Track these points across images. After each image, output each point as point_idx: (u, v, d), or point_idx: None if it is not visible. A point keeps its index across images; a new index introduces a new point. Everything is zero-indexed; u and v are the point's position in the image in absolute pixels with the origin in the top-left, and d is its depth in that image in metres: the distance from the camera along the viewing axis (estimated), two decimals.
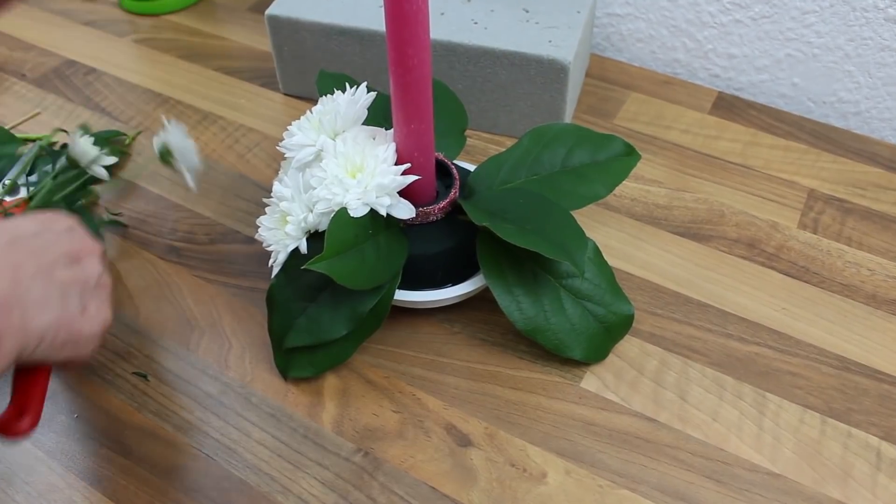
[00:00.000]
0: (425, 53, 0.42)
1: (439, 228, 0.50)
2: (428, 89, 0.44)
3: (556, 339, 0.48)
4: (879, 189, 0.62)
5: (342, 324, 0.47)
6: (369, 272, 0.45)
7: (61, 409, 0.48)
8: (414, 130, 0.46)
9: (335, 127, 0.48)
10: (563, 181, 0.52)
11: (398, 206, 0.47)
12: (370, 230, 0.46)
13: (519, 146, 0.53)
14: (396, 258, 0.47)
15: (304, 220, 0.46)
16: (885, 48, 0.65)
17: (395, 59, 0.42)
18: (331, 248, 0.44)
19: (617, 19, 0.75)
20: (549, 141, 0.53)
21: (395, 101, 0.44)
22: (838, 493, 0.44)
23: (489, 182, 0.52)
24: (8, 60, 0.77)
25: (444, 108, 0.56)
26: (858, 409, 0.48)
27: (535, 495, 0.44)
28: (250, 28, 0.80)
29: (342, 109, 0.48)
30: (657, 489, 0.44)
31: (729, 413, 0.48)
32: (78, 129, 0.59)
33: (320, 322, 0.47)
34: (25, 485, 0.45)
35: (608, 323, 0.49)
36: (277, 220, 0.48)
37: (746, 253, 0.57)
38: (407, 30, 0.41)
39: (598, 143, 0.53)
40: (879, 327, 0.52)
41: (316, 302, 0.48)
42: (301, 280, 0.47)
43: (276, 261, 0.48)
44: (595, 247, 0.50)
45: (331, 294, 0.47)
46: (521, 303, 0.48)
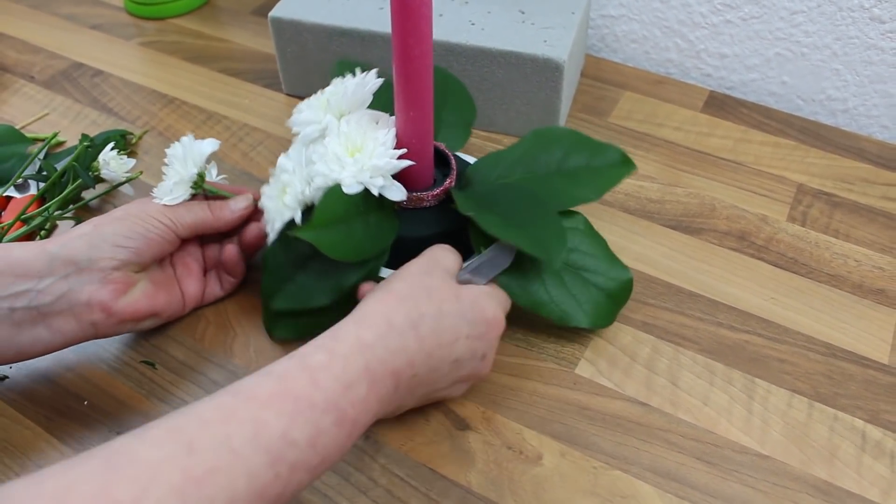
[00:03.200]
0: (427, 45, 0.44)
1: (432, 214, 0.52)
2: (428, 79, 0.46)
3: (560, 311, 0.50)
4: (866, 184, 0.63)
5: (326, 294, 0.49)
6: (355, 246, 0.47)
7: (71, 395, 0.50)
8: (413, 118, 0.47)
9: (341, 108, 0.50)
10: (557, 182, 0.53)
11: (391, 188, 0.49)
12: (362, 208, 0.48)
13: (519, 145, 0.55)
14: (385, 237, 0.49)
15: (302, 192, 0.48)
16: (871, 47, 0.66)
17: (398, 49, 0.44)
18: (318, 218, 0.45)
19: (611, 20, 0.77)
20: (548, 143, 0.55)
21: (397, 88, 0.46)
22: (824, 474, 0.46)
23: (486, 176, 0.54)
24: (17, 63, 0.78)
25: (454, 100, 0.58)
26: (844, 394, 0.49)
27: (531, 476, 0.45)
28: (253, 31, 0.82)
29: (350, 92, 0.50)
30: (649, 470, 0.46)
31: (719, 398, 0.49)
32: (81, 139, 0.60)
33: (306, 289, 0.49)
34: (38, 468, 0.46)
35: (608, 289, 0.51)
36: (278, 190, 0.49)
37: (737, 245, 0.59)
38: (410, 21, 0.42)
39: (595, 150, 0.55)
40: (865, 315, 0.54)
41: (305, 270, 0.50)
42: (294, 249, 0.50)
43: (273, 229, 0.49)
44: (585, 220, 0.52)
45: (319, 265, 0.49)
46: (521, 280, 0.49)
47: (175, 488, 0.31)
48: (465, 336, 0.44)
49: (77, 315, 0.46)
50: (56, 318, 0.45)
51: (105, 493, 0.30)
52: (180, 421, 0.34)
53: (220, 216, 0.52)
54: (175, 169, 0.51)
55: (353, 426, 0.38)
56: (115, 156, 0.61)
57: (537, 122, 0.66)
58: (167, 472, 0.31)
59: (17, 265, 0.44)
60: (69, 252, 0.45)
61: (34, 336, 0.45)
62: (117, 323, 0.47)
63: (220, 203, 0.52)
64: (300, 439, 0.35)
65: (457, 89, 0.58)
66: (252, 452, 0.33)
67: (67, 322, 0.45)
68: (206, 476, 0.32)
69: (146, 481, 0.31)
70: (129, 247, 0.47)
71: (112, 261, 0.46)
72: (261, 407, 0.35)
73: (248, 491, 0.33)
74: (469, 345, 0.44)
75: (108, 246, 0.46)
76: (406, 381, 0.41)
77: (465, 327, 0.44)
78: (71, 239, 0.46)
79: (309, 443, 0.35)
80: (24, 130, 0.69)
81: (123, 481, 0.30)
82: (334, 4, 0.68)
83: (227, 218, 0.52)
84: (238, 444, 0.33)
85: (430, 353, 0.42)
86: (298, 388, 0.36)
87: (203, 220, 0.51)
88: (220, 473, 0.32)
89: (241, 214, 0.53)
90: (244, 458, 0.33)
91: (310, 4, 0.68)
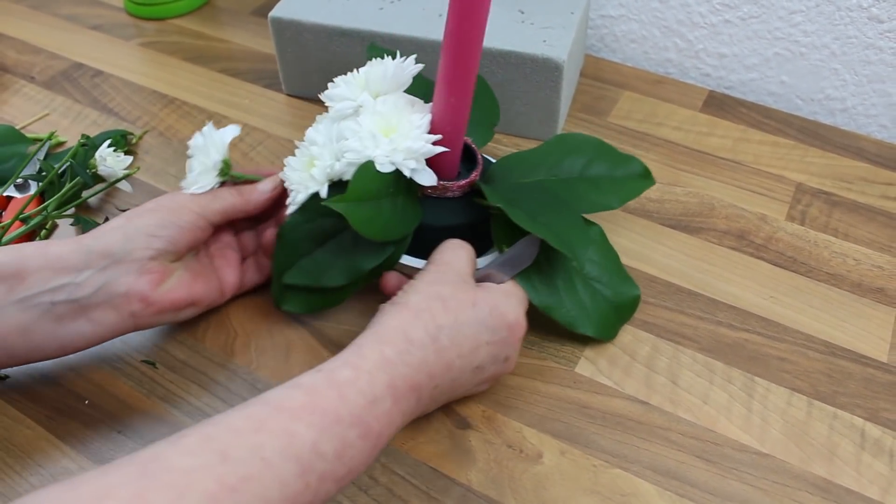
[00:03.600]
0: (481, 31, 0.44)
1: (454, 205, 0.52)
2: (475, 66, 0.46)
3: (569, 317, 0.50)
4: (865, 183, 0.64)
5: (342, 274, 0.49)
6: (383, 225, 0.47)
7: (72, 395, 0.50)
8: (453, 105, 0.47)
9: (379, 88, 0.50)
10: (579, 187, 0.54)
11: (422, 172, 0.49)
12: (392, 189, 0.48)
13: (543, 148, 0.56)
14: (410, 222, 0.49)
15: (331, 167, 0.48)
16: (870, 46, 0.67)
17: (452, 31, 0.44)
18: (353, 192, 0.46)
19: (610, 21, 0.77)
20: (571, 149, 0.55)
21: (443, 72, 0.46)
22: (824, 472, 0.46)
23: (509, 174, 0.54)
24: (17, 63, 0.78)
25: (480, 101, 0.58)
26: (844, 392, 0.50)
27: (532, 475, 0.46)
28: (253, 31, 0.82)
29: (390, 73, 0.50)
30: (649, 468, 0.46)
31: (719, 396, 0.49)
32: (80, 138, 0.60)
33: (322, 267, 0.49)
34: (39, 467, 0.46)
35: (616, 303, 0.52)
36: (305, 163, 0.50)
37: (736, 244, 0.59)
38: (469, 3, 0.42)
39: (618, 161, 0.55)
40: (864, 314, 0.54)
41: (323, 247, 0.50)
42: (315, 223, 0.50)
43: (295, 200, 0.50)
44: (601, 231, 0.53)
45: (338, 244, 0.50)
46: (535, 282, 0.49)
47: (210, 495, 0.31)
48: (486, 343, 0.44)
49: (116, 306, 0.46)
50: (96, 311, 0.46)
51: (141, 498, 0.30)
52: (212, 430, 0.34)
53: (250, 199, 0.52)
54: (199, 159, 0.51)
55: (377, 439, 0.38)
56: (111, 152, 0.61)
57: (537, 122, 0.66)
58: (202, 479, 0.31)
59: (55, 260, 0.45)
60: (105, 244, 0.46)
61: (75, 330, 0.46)
62: (156, 313, 0.48)
63: (249, 187, 0.52)
64: (328, 451, 0.36)
65: (483, 90, 0.59)
66: (283, 462, 0.34)
67: (107, 314, 0.46)
68: (239, 484, 0.32)
69: (182, 488, 0.31)
70: (163, 236, 0.47)
71: (147, 250, 0.47)
72: (291, 418, 0.35)
73: (280, 500, 0.33)
74: (490, 350, 0.45)
75: (143, 236, 0.47)
76: (428, 393, 0.42)
77: (485, 334, 0.44)
78: (105, 232, 0.47)
79: (336, 454, 0.36)
80: (25, 131, 0.69)
81: (159, 488, 0.31)
82: (334, 5, 0.68)
83: (257, 200, 0.52)
84: (270, 454, 0.34)
85: (450, 365, 0.43)
86: (326, 402, 0.37)
87: (233, 204, 0.51)
88: (254, 482, 0.32)
89: (271, 196, 0.53)
90: (276, 467, 0.33)
91: (310, 5, 0.68)
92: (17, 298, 0.44)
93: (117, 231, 0.47)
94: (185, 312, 0.50)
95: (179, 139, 0.69)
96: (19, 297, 0.44)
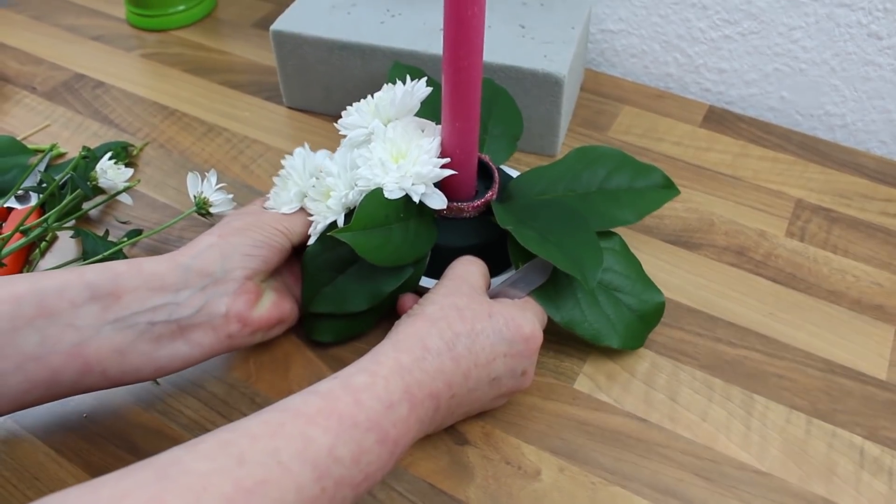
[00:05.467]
0: (477, 57, 0.44)
1: (471, 225, 0.52)
2: (476, 91, 0.46)
3: (593, 330, 0.50)
4: (865, 199, 0.64)
5: (364, 299, 0.50)
6: (393, 252, 0.47)
7: (71, 408, 0.50)
8: (459, 128, 0.48)
9: (389, 114, 0.51)
10: (598, 201, 0.54)
11: (432, 196, 0.49)
12: (402, 214, 0.48)
13: (563, 162, 0.56)
14: (423, 245, 0.49)
15: (346, 196, 0.49)
16: (869, 63, 0.67)
17: (448, 59, 0.44)
18: (357, 221, 0.46)
19: (611, 35, 0.77)
20: (591, 161, 0.56)
21: (445, 98, 0.46)
22: (823, 490, 0.46)
23: (528, 190, 0.55)
24: (19, 74, 0.79)
25: (502, 114, 0.59)
26: (843, 410, 0.49)
27: (530, 491, 0.45)
28: (254, 43, 0.82)
29: (398, 98, 0.50)
30: (648, 486, 0.46)
31: (717, 413, 0.49)
32: (81, 150, 0.60)
33: (345, 294, 0.50)
34: (36, 480, 0.46)
35: (641, 311, 0.51)
36: (322, 193, 0.50)
37: (735, 260, 0.59)
38: (462, 33, 0.43)
39: (638, 171, 0.56)
40: (864, 331, 0.54)
41: (344, 274, 0.50)
42: (334, 252, 0.50)
43: (315, 230, 0.50)
44: (621, 240, 0.53)
45: (358, 269, 0.50)
46: (555, 298, 0.49)
47: (227, 498, 0.31)
48: (503, 355, 0.44)
49: (215, 327, 0.45)
50: (195, 332, 0.45)
51: (158, 500, 0.30)
52: (229, 435, 0.34)
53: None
54: (294, 180, 0.52)
55: (394, 446, 0.38)
56: (112, 165, 0.61)
57: (537, 137, 0.66)
58: (219, 482, 0.31)
59: (152, 279, 0.43)
60: (203, 263, 0.45)
61: (173, 351, 0.44)
62: (251, 333, 0.47)
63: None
64: (345, 456, 0.35)
65: (506, 103, 0.59)
66: (300, 467, 0.34)
67: (206, 335, 0.45)
68: (256, 487, 0.32)
69: (199, 491, 0.31)
70: (258, 255, 0.47)
71: (244, 270, 0.46)
72: (307, 423, 0.35)
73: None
74: (507, 363, 0.45)
75: (239, 256, 0.46)
76: (446, 402, 0.42)
77: (502, 345, 0.44)
78: (201, 250, 0.46)
79: (353, 460, 0.36)
80: (26, 142, 0.69)
81: (177, 490, 0.31)
82: (335, 18, 0.68)
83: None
84: (286, 458, 0.34)
85: (466, 374, 0.43)
86: (342, 407, 0.37)
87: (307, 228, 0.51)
88: (270, 485, 0.32)
89: None
90: (293, 471, 0.33)
91: (311, 18, 0.68)
92: (113, 318, 0.42)
93: (213, 249, 0.46)
94: (273, 332, 0.50)
95: (180, 151, 0.69)
96: (115, 316, 0.42)
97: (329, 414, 0.36)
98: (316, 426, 0.35)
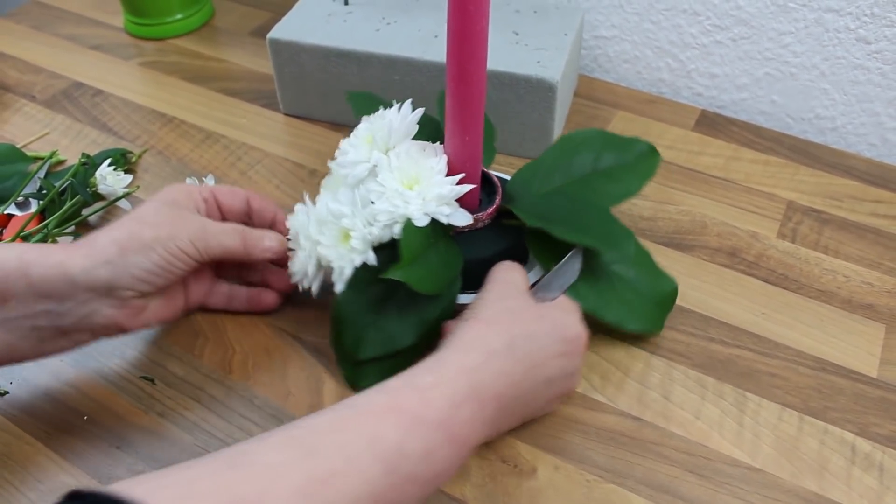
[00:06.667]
0: (483, 69, 0.45)
1: (487, 234, 0.52)
2: (482, 102, 0.46)
3: (616, 317, 0.51)
4: (855, 200, 0.64)
5: (411, 332, 0.49)
6: (436, 277, 0.47)
7: (71, 411, 0.50)
8: (468, 142, 0.48)
9: (388, 142, 0.50)
10: (596, 182, 0.55)
11: (456, 214, 0.49)
12: (431, 239, 0.48)
13: (550, 152, 0.56)
14: (455, 263, 0.49)
15: (370, 233, 0.47)
16: (858, 66, 0.68)
17: (456, 75, 0.44)
18: (407, 256, 0.45)
19: (603, 41, 0.78)
20: (577, 146, 0.56)
21: (453, 113, 0.47)
22: (815, 486, 0.46)
23: (527, 188, 0.55)
24: (18, 83, 0.79)
25: None
26: (834, 407, 0.50)
27: (526, 489, 0.46)
28: (251, 51, 0.83)
29: (395, 125, 0.49)
30: (642, 483, 0.46)
31: (711, 412, 0.50)
32: (81, 157, 0.61)
33: (390, 332, 0.49)
34: (38, 483, 0.47)
35: (657, 298, 0.53)
36: (338, 237, 0.49)
37: (727, 261, 0.60)
38: (469, 46, 0.43)
39: (623, 146, 0.56)
40: (854, 330, 0.55)
41: (384, 313, 0.49)
42: (367, 293, 0.49)
43: (343, 276, 0.48)
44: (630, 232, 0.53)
45: (396, 304, 0.49)
46: (579, 288, 0.50)
47: (298, 488, 0.31)
48: (556, 355, 0.45)
49: (95, 332, 0.47)
50: (76, 334, 0.47)
51: (228, 489, 0.30)
52: (296, 431, 0.35)
53: (252, 252, 0.51)
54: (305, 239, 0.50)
55: (461, 446, 0.38)
56: (111, 171, 0.62)
57: (531, 142, 0.67)
58: (289, 473, 0.32)
59: (39, 286, 0.44)
60: (91, 281, 0.45)
61: (57, 346, 0.47)
62: (134, 332, 0.50)
63: (255, 236, 0.51)
64: (413, 453, 0.36)
65: None
66: (369, 460, 0.34)
67: (85, 336, 0.47)
68: (327, 478, 0.32)
69: (270, 480, 0.31)
70: (153, 282, 0.47)
71: (132, 292, 0.47)
72: (376, 419, 0.36)
73: (366, 498, 0.33)
74: (559, 363, 0.45)
75: (131, 279, 0.46)
76: (508, 403, 0.42)
77: (554, 346, 0.44)
78: (95, 265, 0.45)
79: (422, 457, 0.36)
80: (26, 149, 0.70)
81: (248, 479, 0.31)
82: (332, 26, 0.69)
83: (259, 256, 0.51)
84: (356, 452, 0.34)
85: (526, 375, 0.43)
86: (410, 405, 0.37)
87: (232, 251, 0.50)
88: (340, 477, 0.33)
89: (271, 257, 0.52)
90: (362, 465, 0.34)
91: (307, 26, 0.69)
92: (1, 318, 0.44)
93: (107, 268, 0.45)
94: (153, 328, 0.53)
95: (178, 157, 0.70)
96: (3, 317, 0.44)
97: (397, 411, 0.36)
98: (385, 422, 0.36)
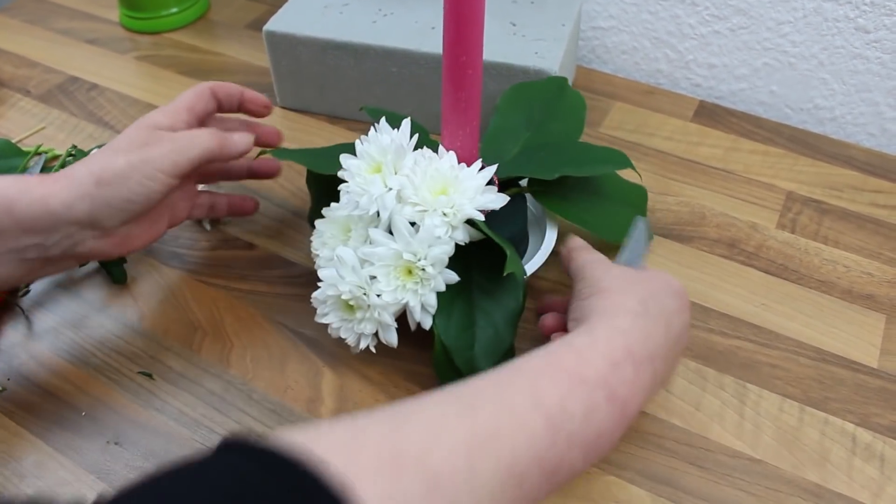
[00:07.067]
0: (479, 60, 0.46)
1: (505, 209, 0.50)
2: (479, 94, 0.47)
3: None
4: (855, 190, 0.64)
5: (506, 326, 0.48)
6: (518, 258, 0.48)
7: (69, 407, 0.50)
8: (469, 133, 0.48)
9: (398, 162, 0.47)
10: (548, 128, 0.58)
11: (496, 197, 0.48)
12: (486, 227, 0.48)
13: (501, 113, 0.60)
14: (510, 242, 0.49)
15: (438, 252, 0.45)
16: (857, 56, 0.68)
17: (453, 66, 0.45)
18: (507, 248, 0.46)
19: (601, 32, 0.78)
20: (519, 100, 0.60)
21: (452, 109, 0.47)
22: (816, 477, 0.46)
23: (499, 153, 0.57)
24: (14, 77, 0.79)
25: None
26: (835, 398, 0.50)
27: None
28: (247, 45, 0.83)
29: (403, 144, 0.47)
30: (642, 475, 0.46)
31: (711, 403, 0.50)
32: (69, 148, 0.60)
33: (493, 340, 0.48)
34: (37, 479, 0.47)
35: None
36: (398, 277, 0.46)
37: (727, 252, 0.59)
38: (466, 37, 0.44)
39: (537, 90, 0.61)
40: (855, 321, 0.54)
41: (475, 327, 0.48)
42: (454, 316, 0.47)
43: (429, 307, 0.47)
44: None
45: (482, 312, 0.48)
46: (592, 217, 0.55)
47: (463, 440, 0.31)
48: (677, 311, 0.43)
49: (79, 259, 0.50)
50: (61, 262, 0.49)
51: (393, 441, 0.30)
52: (456, 391, 0.34)
53: (226, 150, 0.51)
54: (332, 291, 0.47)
55: (623, 407, 0.37)
56: None
57: None
58: (453, 426, 0.32)
59: (23, 222, 0.45)
60: (73, 215, 0.46)
61: (42, 272, 0.49)
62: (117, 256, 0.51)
63: (229, 138, 0.52)
64: (576, 411, 0.35)
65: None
66: (532, 416, 0.34)
67: (72, 263, 0.51)
68: (491, 433, 0.32)
69: (435, 432, 0.31)
70: (131, 209, 0.48)
71: (113, 221, 0.48)
72: (536, 376, 0.36)
73: (529, 454, 0.33)
74: (681, 319, 0.44)
75: (112, 210, 0.47)
76: (659, 366, 0.41)
77: (673, 302, 0.43)
78: (75, 199, 0.46)
79: (584, 416, 0.35)
80: (21, 144, 0.69)
81: (413, 431, 0.31)
82: (328, 18, 0.68)
83: (232, 153, 0.52)
84: (519, 408, 0.34)
85: (664, 334, 0.42)
86: (568, 363, 0.37)
87: (209, 151, 0.50)
88: (504, 432, 0.32)
89: (245, 151, 0.53)
90: (525, 420, 0.33)
91: (304, 18, 0.68)
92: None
93: (85, 201, 0.46)
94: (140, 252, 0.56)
95: None
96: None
97: (556, 368, 0.36)
98: (545, 379, 0.35)
